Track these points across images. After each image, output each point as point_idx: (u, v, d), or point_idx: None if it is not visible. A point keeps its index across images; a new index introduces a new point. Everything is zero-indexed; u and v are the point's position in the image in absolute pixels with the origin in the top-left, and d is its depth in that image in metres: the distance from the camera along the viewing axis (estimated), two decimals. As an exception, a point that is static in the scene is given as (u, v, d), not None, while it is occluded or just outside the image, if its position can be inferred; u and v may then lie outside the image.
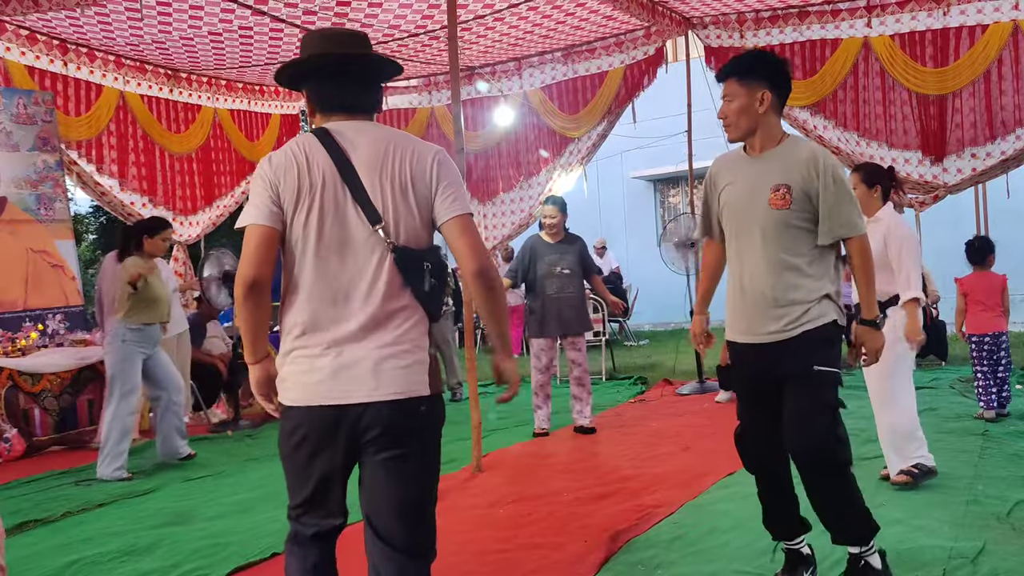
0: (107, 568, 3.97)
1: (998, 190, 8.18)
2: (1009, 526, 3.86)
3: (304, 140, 2.36)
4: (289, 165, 2.30)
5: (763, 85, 3.06)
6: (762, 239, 3.06)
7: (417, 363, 2.30)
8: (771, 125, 3.12)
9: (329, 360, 2.26)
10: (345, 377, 2.24)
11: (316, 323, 2.26)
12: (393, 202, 2.30)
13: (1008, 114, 7.61)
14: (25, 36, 7.84)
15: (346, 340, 2.26)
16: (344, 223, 2.29)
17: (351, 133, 2.35)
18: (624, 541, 3.92)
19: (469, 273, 2.31)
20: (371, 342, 2.26)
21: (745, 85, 3.08)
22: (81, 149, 8.63)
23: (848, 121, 8.27)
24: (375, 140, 2.35)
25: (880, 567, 3.10)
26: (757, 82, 3.07)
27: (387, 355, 2.26)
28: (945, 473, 4.78)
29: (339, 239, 2.28)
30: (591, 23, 8.62)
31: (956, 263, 6.92)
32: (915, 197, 8.05)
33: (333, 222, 2.29)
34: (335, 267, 2.28)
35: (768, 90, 3.06)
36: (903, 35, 7.95)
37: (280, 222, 2.29)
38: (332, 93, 2.41)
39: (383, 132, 2.40)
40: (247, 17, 7.49)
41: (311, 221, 2.28)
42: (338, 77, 2.40)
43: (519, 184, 10.16)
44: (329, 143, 2.32)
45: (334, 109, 2.41)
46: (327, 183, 2.29)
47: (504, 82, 10.10)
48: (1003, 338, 6.35)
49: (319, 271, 2.28)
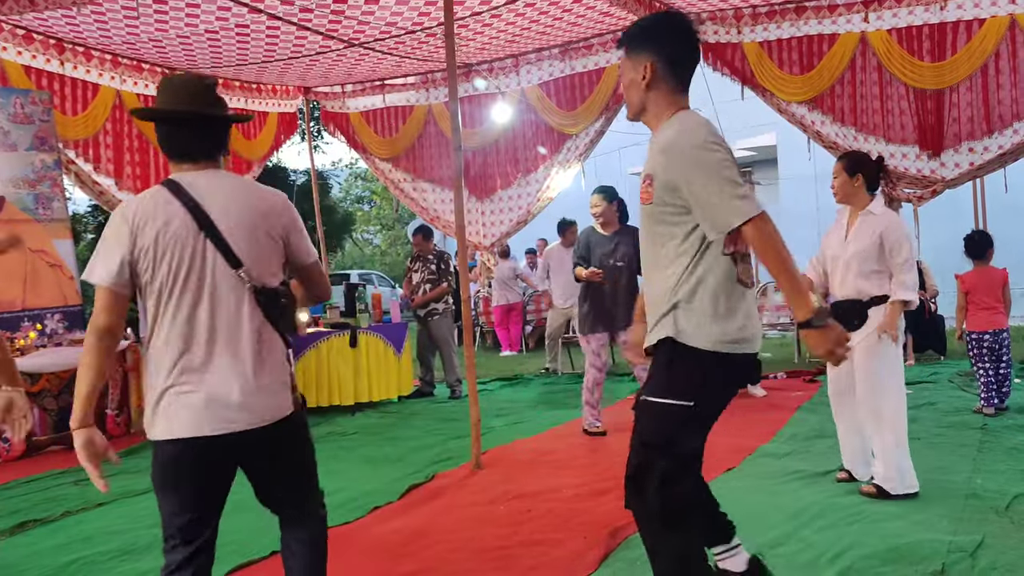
0: (106, 567, 3.97)
1: (996, 184, 8.17)
2: (1008, 520, 3.87)
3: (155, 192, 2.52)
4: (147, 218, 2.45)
5: (648, 55, 2.65)
6: (643, 235, 2.74)
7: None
8: (658, 100, 2.68)
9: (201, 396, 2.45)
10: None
11: None
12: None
13: (1006, 108, 7.60)
14: (21, 35, 7.83)
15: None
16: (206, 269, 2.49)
17: (202, 183, 2.53)
18: (623, 537, 3.92)
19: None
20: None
21: (630, 58, 2.71)
22: (79, 148, 8.62)
23: (846, 116, 8.26)
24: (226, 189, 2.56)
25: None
26: (642, 52, 2.67)
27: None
28: (944, 467, 4.80)
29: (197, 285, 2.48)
30: (588, 19, 8.61)
31: (954, 258, 6.92)
32: (913, 192, 8.05)
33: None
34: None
35: (653, 60, 2.64)
36: (900, 30, 7.94)
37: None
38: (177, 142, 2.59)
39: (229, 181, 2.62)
40: (244, 15, 7.48)
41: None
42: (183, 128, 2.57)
43: (517, 181, 10.15)
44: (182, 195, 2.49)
45: (181, 158, 2.57)
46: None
47: (501, 79, 10.09)
48: (1004, 335, 6.34)
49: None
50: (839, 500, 4.29)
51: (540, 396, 8.60)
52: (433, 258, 9.02)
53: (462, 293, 5.83)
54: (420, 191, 10.83)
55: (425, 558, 3.88)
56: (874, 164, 4.59)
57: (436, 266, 8.94)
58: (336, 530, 4.36)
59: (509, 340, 13.10)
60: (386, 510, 4.69)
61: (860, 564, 3.40)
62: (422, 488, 5.13)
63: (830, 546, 3.61)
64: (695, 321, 2.56)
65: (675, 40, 2.70)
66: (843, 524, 3.91)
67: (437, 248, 9.42)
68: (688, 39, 2.74)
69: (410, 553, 3.96)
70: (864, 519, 3.96)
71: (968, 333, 6.40)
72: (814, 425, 6.18)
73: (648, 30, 2.72)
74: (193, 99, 2.53)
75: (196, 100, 2.54)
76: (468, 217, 9.96)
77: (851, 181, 4.50)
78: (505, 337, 13.10)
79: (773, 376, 8.70)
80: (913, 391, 7.22)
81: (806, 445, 5.59)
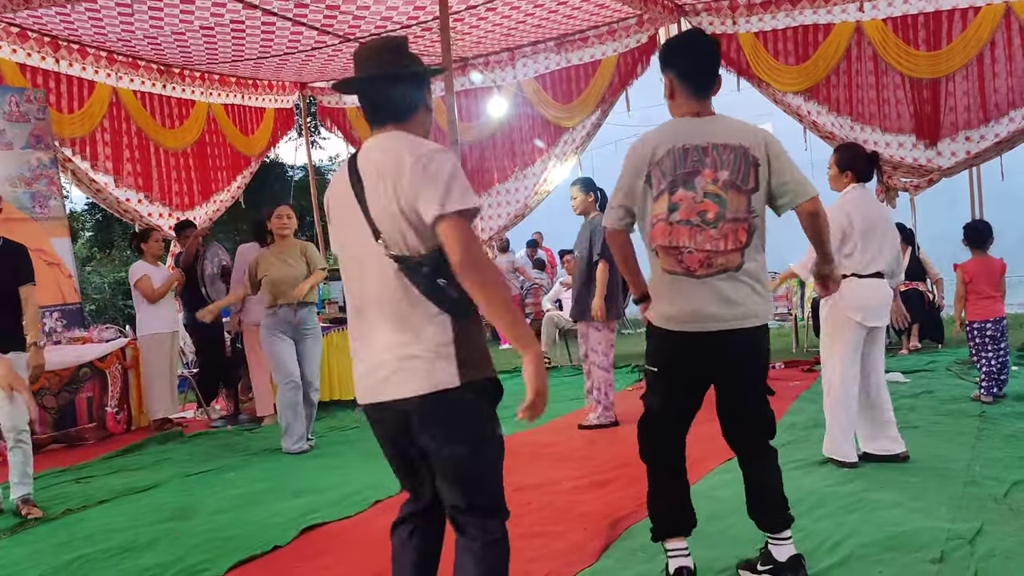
0: (108, 564, 3.98)
1: (992, 173, 8.19)
2: (1006, 507, 3.88)
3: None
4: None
5: (669, 72, 3.12)
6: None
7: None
8: (677, 108, 3.16)
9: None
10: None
11: None
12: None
13: (1001, 96, 7.62)
14: (16, 33, 7.82)
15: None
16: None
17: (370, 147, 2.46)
18: (623, 528, 3.93)
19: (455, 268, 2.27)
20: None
21: (662, 72, 3.18)
22: (75, 146, 8.62)
23: (841, 106, 8.27)
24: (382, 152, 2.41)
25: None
26: (667, 69, 3.14)
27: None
28: (942, 455, 4.81)
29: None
30: (583, 12, 8.61)
31: (950, 246, 6.93)
32: (909, 181, 8.06)
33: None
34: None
35: (673, 76, 3.11)
36: (895, 19, 7.95)
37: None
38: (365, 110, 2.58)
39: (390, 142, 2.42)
40: (239, 11, 7.47)
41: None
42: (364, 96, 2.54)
43: (514, 175, 10.16)
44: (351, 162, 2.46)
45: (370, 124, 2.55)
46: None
47: (497, 72, 10.09)
48: (1004, 323, 6.37)
49: None
50: (838, 489, 4.30)
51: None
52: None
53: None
54: (417, 185, 10.82)
55: (426, 551, 3.89)
56: (866, 158, 4.75)
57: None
58: (338, 524, 4.38)
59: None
60: (387, 503, 4.69)
61: (859, 552, 3.41)
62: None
63: (829, 535, 3.62)
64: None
65: (685, 55, 3.13)
66: (842, 513, 3.92)
67: None
68: (696, 52, 3.14)
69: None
70: (863, 508, 3.97)
71: (970, 323, 6.41)
72: (812, 414, 6.18)
73: (664, 52, 3.21)
74: (365, 64, 2.48)
75: (368, 64, 2.48)
76: (466, 211, 9.95)
77: (840, 176, 4.72)
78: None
79: (771, 366, 8.69)
80: (911, 379, 7.23)
81: (804, 434, 5.60)
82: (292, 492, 5.02)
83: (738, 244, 2.96)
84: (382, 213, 2.32)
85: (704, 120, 3.07)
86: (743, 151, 3.00)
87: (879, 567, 3.27)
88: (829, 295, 3.79)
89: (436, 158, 2.29)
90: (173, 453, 6.53)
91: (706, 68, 3.13)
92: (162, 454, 6.50)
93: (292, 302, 6.05)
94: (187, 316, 8.07)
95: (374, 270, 2.36)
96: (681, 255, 2.97)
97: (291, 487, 5.15)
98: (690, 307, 2.99)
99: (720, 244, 2.94)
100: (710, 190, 2.94)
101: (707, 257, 2.95)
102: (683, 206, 2.95)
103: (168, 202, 9.63)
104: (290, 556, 3.94)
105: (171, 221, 9.52)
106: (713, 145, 2.99)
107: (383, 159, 2.36)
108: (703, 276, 2.96)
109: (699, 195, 2.95)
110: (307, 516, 4.44)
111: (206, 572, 3.74)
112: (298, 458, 6.00)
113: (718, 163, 2.97)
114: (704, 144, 2.99)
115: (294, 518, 4.43)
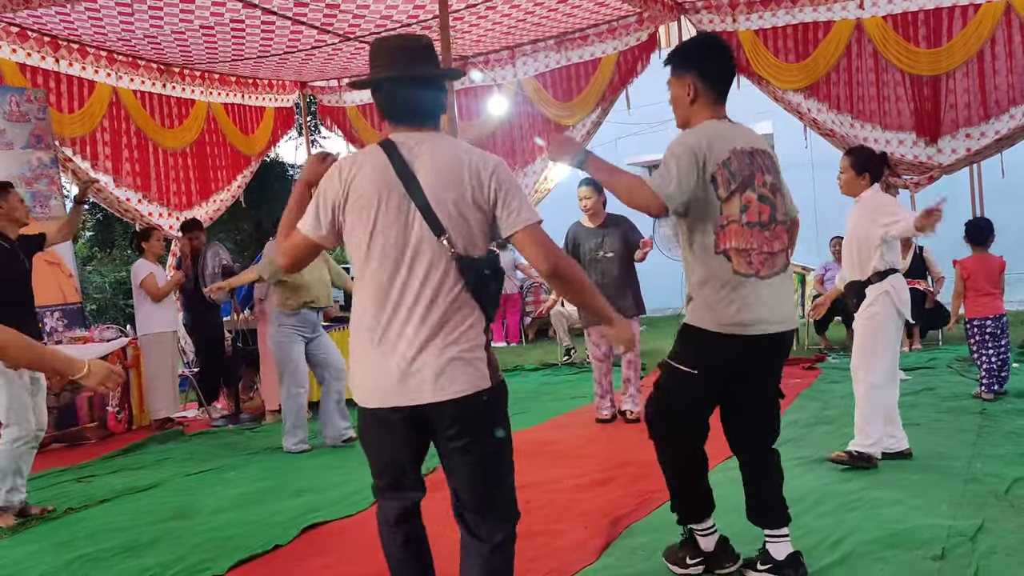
0: (110, 564, 3.98)
1: (993, 170, 8.18)
2: (1008, 503, 3.88)
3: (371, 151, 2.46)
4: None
5: (690, 75, 3.05)
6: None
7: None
8: (700, 112, 3.08)
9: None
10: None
11: None
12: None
13: (1002, 93, 7.61)
14: (16, 33, 7.82)
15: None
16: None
17: (413, 144, 2.43)
18: (624, 526, 3.93)
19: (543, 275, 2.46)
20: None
21: (676, 77, 3.09)
22: (76, 146, 8.62)
23: (842, 104, 8.26)
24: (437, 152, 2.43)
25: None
26: (686, 73, 3.06)
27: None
28: (943, 452, 4.81)
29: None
30: (583, 10, 8.61)
31: (951, 243, 6.92)
32: (910, 178, 8.05)
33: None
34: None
35: (696, 80, 3.04)
36: (895, 16, 7.93)
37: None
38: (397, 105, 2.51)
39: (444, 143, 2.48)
40: (238, 10, 7.47)
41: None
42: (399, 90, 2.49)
43: (514, 173, 10.12)
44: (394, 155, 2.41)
45: (400, 120, 2.50)
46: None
47: (497, 71, 10.08)
48: (1004, 320, 6.37)
49: None
50: (839, 486, 4.30)
51: (541, 387, 8.61)
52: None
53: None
54: (418, 184, 10.81)
55: (427, 550, 3.89)
56: (879, 160, 4.81)
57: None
58: (339, 523, 4.38)
59: (505, 332, 12.96)
60: (388, 503, 4.70)
61: (861, 550, 3.41)
62: (424, 480, 5.13)
63: (831, 532, 3.62)
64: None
65: (711, 59, 3.09)
66: (843, 510, 3.92)
67: None
68: (722, 57, 3.12)
69: (412, 545, 3.97)
70: (864, 505, 3.97)
71: (969, 320, 6.41)
72: (814, 412, 6.19)
73: (689, 53, 3.12)
74: (404, 61, 2.47)
75: (409, 61, 2.47)
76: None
77: (858, 179, 4.69)
78: (499, 328, 12.91)
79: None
80: (912, 377, 7.23)
81: (806, 432, 5.60)
82: (293, 491, 5.02)
83: (783, 245, 3.07)
84: (448, 211, 2.35)
85: (734, 125, 3.10)
86: (771, 157, 3.10)
87: (880, 564, 3.27)
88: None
89: (505, 168, 2.46)
90: (174, 452, 6.53)
91: (730, 72, 3.16)
92: (163, 453, 6.51)
93: (323, 306, 6.28)
94: (187, 316, 8.08)
95: (424, 266, 2.36)
96: (751, 257, 2.99)
97: (292, 486, 5.15)
98: (760, 310, 3.01)
99: (775, 245, 3.03)
100: (763, 193, 3.00)
101: (769, 258, 3.01)
102: (751, 208, 2.98)
103: (167, 202, 9.62)
104: (291, 555, 3.95)
105: (171, 220, 9.52)
106: (755, 150, 3.04)
107: (442, 160, 2.39)
108: (766, 277, 3.01)
109: (757, 198, 2.99)
110: (308, 515, 4.44)
111: (207, 571, 3.74)
112: (299, 457, 6.01)
113: (763, 167, 3.03)
114: (750, 148, 3.03)
115: (295, 517, 4.43)
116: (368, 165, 2.40)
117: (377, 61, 2.50)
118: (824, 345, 9.51)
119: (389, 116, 2.50)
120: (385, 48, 2.51)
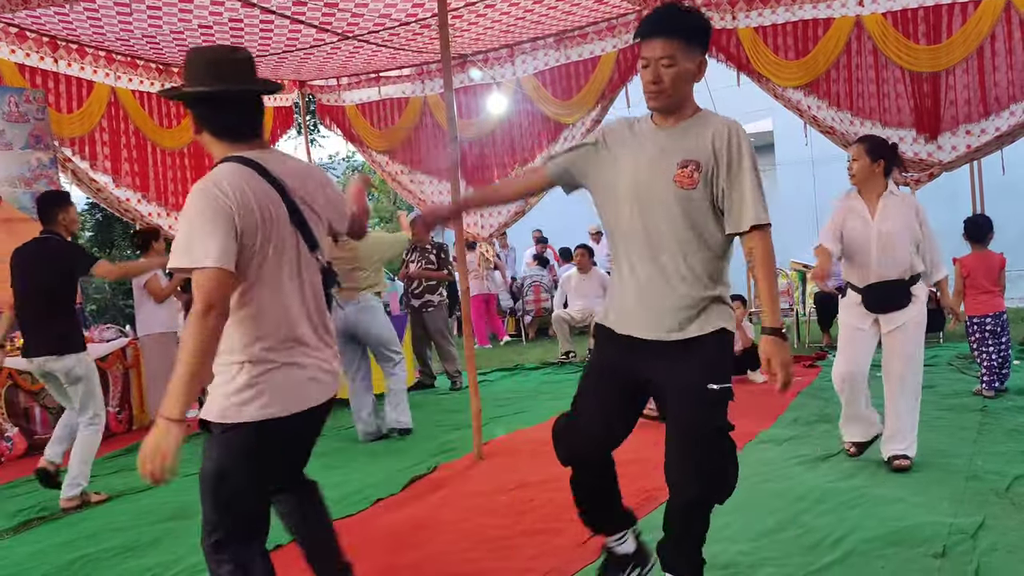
0: (110, 564, 3.99)
1: (993, 166, 8.17)
2: (1008, 501, 3.88)
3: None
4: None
5: (702, 52, 2.74)
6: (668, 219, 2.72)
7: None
8: (690, 95, 2.78)
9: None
10: None
11: None
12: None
13: (1002, 90, 7.60)
14: (14, 33, 7.81)
15: None
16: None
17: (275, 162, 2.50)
18: (625, 525, 3.92)
19: None
20: None
21: (689, 50, 2.68)
22: (75, 146, 8.61)
23: (841, 101, 8.25)
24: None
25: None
26: (701, 48, 2.73)
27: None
28: (944, 450, 4.81)
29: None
30: (583, 8, 8.59)
31: (951, 241, 6.92)
32: (910, 175, 8.04)
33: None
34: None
35: (703, 58, 2.75)
36: (895, 13, 7.92)
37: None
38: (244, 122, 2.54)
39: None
40: (237, 9, 7.45)
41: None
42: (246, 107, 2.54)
43: (514, 172, 10.14)
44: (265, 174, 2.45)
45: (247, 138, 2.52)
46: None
47: (497, 69, 10.07)
48: (1004, 317, 6.37)
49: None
50: (840, 484, 4.30)
51: (541, 386, 8.61)
52: (432, 248, 8.99)
53: (460, 284, 5.83)
54: (417, 183, 10.81)
55: (428, 549, 3.90)
56: (892, 150, 4.67)
57: (436, 256, 8.91)
58: (340, 522, 4.36)
59: (486, 332, 12.56)
60: (389, 502, 4.70)
61: (862, 548, 3.41)
62: (424, 479, 5.15)
63: (832, 530, 3.62)
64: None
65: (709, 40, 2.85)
66: (844, 508, 3.92)
67: (435, 239, 9.42)
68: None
69: (413, 544, 3.98)
70: (865, 503, 3.97)
71: (969, 318, 6.41)
72: (815, 410, 6.19)
73: (708, 31, 2.80)
74: (244, 73, 2.50)
75: (247, 77, 2.51)
76: (466, 208, 9.94)
77: (872, 166, 4.50)
78: (482, 329, 12.41)
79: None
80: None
81: (807, 430, 5.60)
82: (293, 491, 5.01)
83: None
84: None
85: None
86: None
87: (881, 562, 3.27)
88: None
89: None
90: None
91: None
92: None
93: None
94: (187, 317, 8.06)
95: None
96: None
97: (292, 486, 5.14)
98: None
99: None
100: None
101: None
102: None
103: (165, 202, 9.60)
104: (291, 554, 3.94)
105: (171, 220, 9.51)
106: None
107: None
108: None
109: None
110: (308, 515, 4.43)
111: (207, 571, 3.74)
112: (299, 457, 5.99)
113: None
114: None
115: (296, 517, 4.42)
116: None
117: (205, 71, 2.46)
118: (826, 343, 9.50)
119: (224, 134, 2.55)
120: (209, 59, 2.49)
